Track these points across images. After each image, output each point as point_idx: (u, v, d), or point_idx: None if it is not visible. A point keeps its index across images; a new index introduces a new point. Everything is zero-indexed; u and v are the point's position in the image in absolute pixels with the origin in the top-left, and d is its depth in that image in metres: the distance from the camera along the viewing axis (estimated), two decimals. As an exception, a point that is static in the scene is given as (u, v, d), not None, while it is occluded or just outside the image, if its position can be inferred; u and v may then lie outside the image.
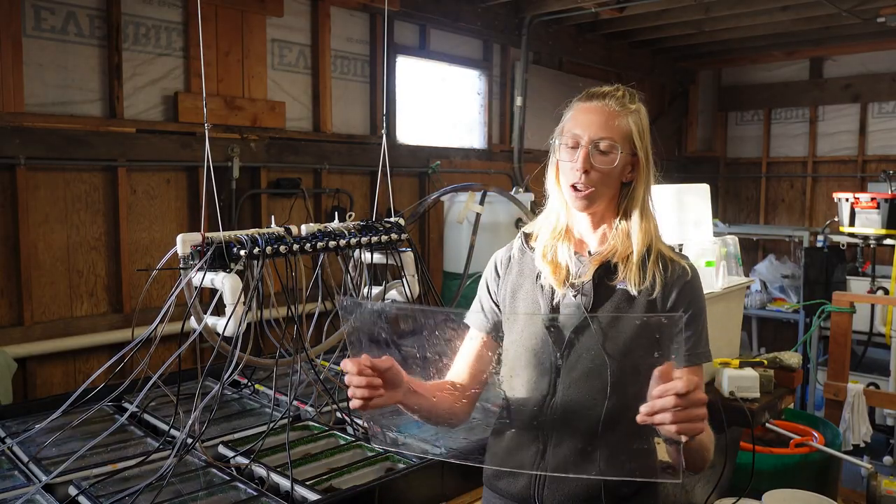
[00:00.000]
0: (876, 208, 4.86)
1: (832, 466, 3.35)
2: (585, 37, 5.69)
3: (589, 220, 1.50)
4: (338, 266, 2.21)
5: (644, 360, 1.40)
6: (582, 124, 1.46)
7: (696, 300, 1.49)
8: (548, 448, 1.44)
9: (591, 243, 1.52)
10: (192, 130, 3.38)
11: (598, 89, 1.50)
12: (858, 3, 4.66)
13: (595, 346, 1.41)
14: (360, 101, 4.28)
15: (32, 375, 2.99)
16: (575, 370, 1.43)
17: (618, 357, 1.40)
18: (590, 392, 1.42)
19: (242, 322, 1.82)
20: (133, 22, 3.24)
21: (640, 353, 1.41)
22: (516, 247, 1.60)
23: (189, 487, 1.71)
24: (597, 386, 1.41)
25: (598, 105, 1.47)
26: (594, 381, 1.41)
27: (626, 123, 1.46)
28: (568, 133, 1.47)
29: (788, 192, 7.02)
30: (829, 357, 4.04)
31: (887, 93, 6.35)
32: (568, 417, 1.44)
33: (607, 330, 1.42)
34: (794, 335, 5.98)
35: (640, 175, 1.48)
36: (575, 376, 1.43)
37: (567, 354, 1.44)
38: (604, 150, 1.43)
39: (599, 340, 1.41)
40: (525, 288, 1.52)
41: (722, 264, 2.64)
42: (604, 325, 1.42)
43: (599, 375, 1.41)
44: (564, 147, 1.47)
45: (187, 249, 1.83)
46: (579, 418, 1.43)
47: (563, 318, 1.46)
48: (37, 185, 2.99)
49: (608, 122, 1.45)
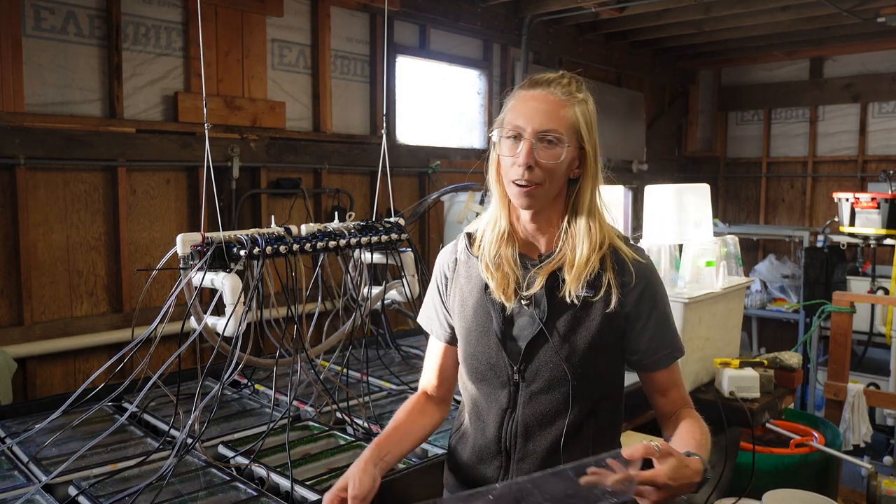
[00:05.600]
0: (876, 208, 4.86)
1: (832, 466, 3.36)
2: (585, 37, 5.70)
3: (536, 221, 1.38)
4: (338, 266, 2.21)
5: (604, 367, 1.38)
6: (524, 114, 1.32)
7: (659, 299, 1.41)
8: (511, 462, 1.40)
9: (539, 245, 1.41)
10: (192, 130, 3.38)
11: (541, 76, 1.37)
12: (858, 3, 4.66)
13: (554, 359, 1.35)
14: (360, 101, 4.28)
15: (32, 375, 2.99)
16: (534, 383, 1.37)
17: (578, 367, 1.34)
18: (552, 404, 1.36)
19: (242, 322, 1.82)
20: (133, 22, 3.24)
21: (601, 362, 1.37)
22: (461, 248, 1.49)
23: (189, 487, 1.70)
24: (558, 398, 1.36)
25: (541, 93, 1.33)
26: (555, 393, 1.36)
27: (572, 114, 1.33)
28: (509, 124, 1.34)
29: (788, 192, 7.02)
30: (829, 357, 4.04)
31: (887, 93, 6.34)
32: (530, 431, 1.38)
33: (566, 340, 1.35)
34: (794, 335, 5.98)
35: (587, 171, 1.36)
36: (534, 389, 1.37)
37: (524, 368, 1.37)
38: (549, 142, 1.31)
39: (559, 352, 1.35)
40: (475, 297, 1.43)
41: (722, 264, 2.64)
42: (561, 335, 1.35)
43: (561, 387, 1.36)
44: (505, 140, 1.34)
45: (187, 249, 1.83)
46: (542, 431, 1.37)
47: (517, 330, 1.38)
48: (37, 185, 2.99)
49: (553, 112, 1.31)
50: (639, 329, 1.39)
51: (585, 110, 1.36)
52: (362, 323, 2.20)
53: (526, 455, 1.38)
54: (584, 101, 1.37)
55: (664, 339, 1.42)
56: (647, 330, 1.40)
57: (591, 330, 1.35)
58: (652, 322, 1.40)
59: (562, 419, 1.36)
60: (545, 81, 1.35)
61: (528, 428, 1.38)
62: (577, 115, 1.34)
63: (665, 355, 1.42)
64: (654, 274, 1.42)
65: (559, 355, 1.35)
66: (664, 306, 1.43)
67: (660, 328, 1.41)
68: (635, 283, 1.37)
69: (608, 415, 1.42)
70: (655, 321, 1.40)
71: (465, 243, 1.48)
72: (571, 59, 5.72)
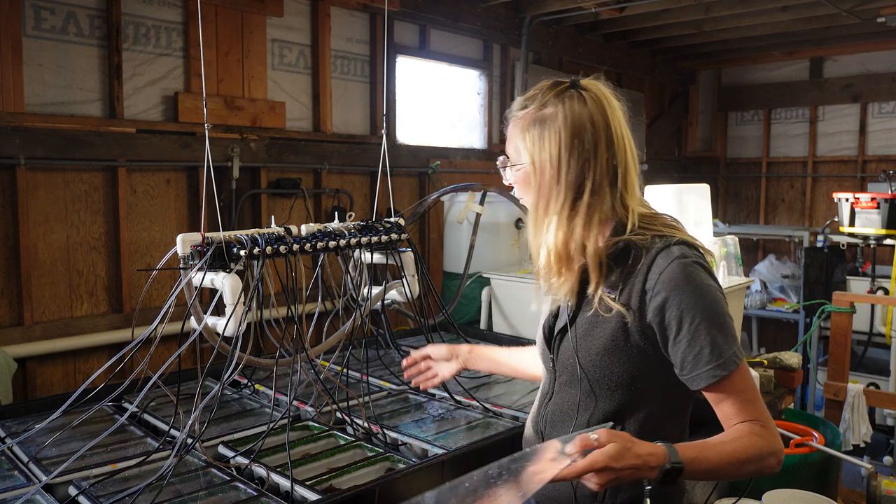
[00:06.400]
0: (876, 208, 4.86)
1: (832, 466, 3.35)
2: (585, 37, 5.70)
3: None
4: (338, 266, 2.21)
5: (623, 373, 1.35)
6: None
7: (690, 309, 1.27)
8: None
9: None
10: (192, 130, 3.38)
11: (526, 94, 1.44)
12: (858, 3, 4.66)
13: (572, 356, 1.39)
14: (360, 101, 4.28)
15: (32, 375, 2.99)
16: (562, 375, 1.44)
17: (590, 368, 1.36)
18: (572, 399, 1.41)
19: (242, 322, 1.82)
20: (133, 22, 3.24)
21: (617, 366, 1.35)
22: None
23: (189, 487, 1.70)
24: (575, 395, 1.40)
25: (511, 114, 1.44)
26: (574, 389, 1.40)
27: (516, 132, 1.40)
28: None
29: (788, 192, 7.02)
30: (829, 357, 4.04)
31: (887, 93, 6.35)
32: (555, 419, 1.45)
33: (582, 340, 1.37)
34: (794, 335, 5.98)
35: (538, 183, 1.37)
36: (562, 381, 1.44)
37: (555, 359, 1.45)
38: (507, 166, 1.45)
39: (576, 350, 1.38)
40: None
41: (722, 264, 2.64)
42: (580, 334, 1.38)
43: (578, 384, 1.39)
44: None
45: (187, 249, 1.83)
46: (562, 422, 1.44)
47: (558, 323, 1.45)
48: (37, 185, 2.99)
49: (509, 133, 1.43)
50: (672, 340, 1.29)
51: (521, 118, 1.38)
52: (362, 323, 2.20)
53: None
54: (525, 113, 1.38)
55: (702, 353, 1.26)
56: (680, 342, 1.28)
57: (606, 332, 1.35)
58: (684, 334, 1.27)
59: (576, 416, 1.40)
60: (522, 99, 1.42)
61: (555, 416, 1.46)
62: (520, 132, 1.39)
63: (705, 372, 1.27)
64: (686, 282, 1.28)
65: (576, 353, 1.39)
66: (702, 318, 1.27)
67: (696, 341, 1.27)
68: (657, 290, 1.29)
69: (640, 426, 1.36)
70: (690, 333, 1.27)
71: None
72: (571, 59, 5.72)
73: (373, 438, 2.03)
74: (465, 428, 2.14)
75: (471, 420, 2.20)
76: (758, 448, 1.25)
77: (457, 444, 1.96)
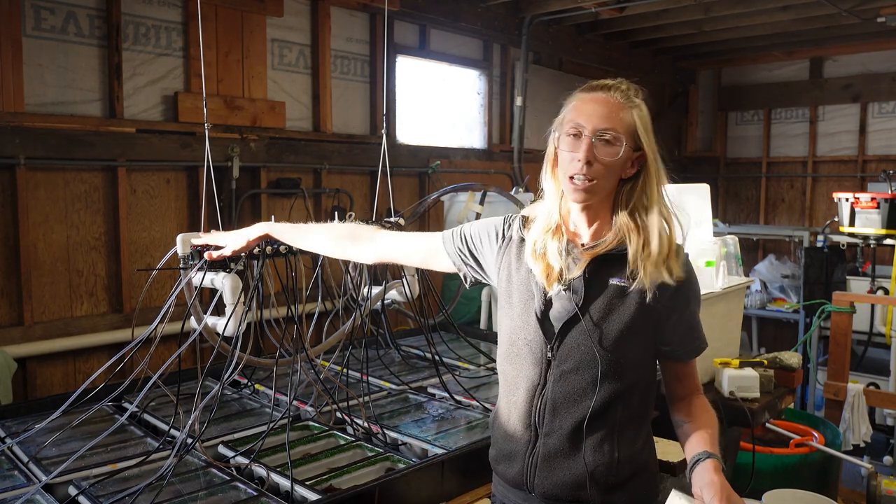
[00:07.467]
0: (876, 208, 4.86)
1: (832, 466, 3.36)
2: (585, 37, 5.69)
3: (584, 214, 1.46)
4: (338, 266, 2.21)
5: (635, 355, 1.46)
6: (585, 114, 1.41)
7: (693, 297, 1.51)
8: (539, 437, 1.47)
9: (584, 236, 1.48)
10: (192, 130, 3.38)
11: (601, 81, 1.46)
12: (858, 3, 4.66)
13: (586, 342, 1.43)
14: (360, 101, 4.28)
15: (32, 375, 2.99)
16: (566, 363, 1.45)
17: (608, 352, 1.42)
18: (580, 384, 1.44)
19: (242, 322, 1.82)
20: (133, 22, 3.24)
21: (631, 349, 1.45)
22: (516, 228, 1.57)
23: (189, 487, 1.71)
24: (587, 379, 1.43)
25: (602, 96, 1.43)
26: (584, 374, 1.43)
27: (630, 117, 1.42)
28: (570, 123, 1.42)
29: (788, 192, 7.02)
30: (829, 357, 4.04)
31: (887, 93, 6.34)
32: (557, 408, 1.46)
33: (599, 325, 1.43)
34: (794, 335, 5.98)
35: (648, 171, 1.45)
36: (565, 369, 1.45)
37: (557, 347, 1.46)
38: (607, 141, 1.39)
39: (591, 336, 1.42)
40: (521, 276, 1.52)
41: (722, 264, 2.64)
42: (595, 320, 1.43)
43: (590, 369, 1.43)
44: (565, 136, 1.42)
45: (187, 249, 1.83)
46: (568, 409, 1.45)
47: (554, 312, 1.46)
48: (36, 185, 2.99)
49: (612, 113, 1.40)
50: (673, 322, 1.48)
51: (642, 115, 1.45)
52: (362, 323, 2.21)
53: (552, 430, 1.46)
54: (640, 107, 1.46)
55: (693, 333, 1.52)
56: (681, 324, 1.49)
57: (625, 318, 1.43)
58: (686, 317, 1.49)
59: (588, 400, 1.43)
60: (605, 86, 1.44)
61: (556, 405, 1.46)
62: (635, 118, 1.43)
63: (694, 348, 1.53)
64: (691, 273, 1.50)
65: (591, 339, 1.42)
66: (698, 303, 1.53)
67: (692, 323, 1.51)
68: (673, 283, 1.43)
69: (638, 402, 1.49)
70: (689, 316, 1.50)
71: (520, 224, 1.57)
72: (571, 59, 5.72)
73: (373, 438, 2.03)
74: (465, 428, 2.14)
75: (471, 420, 2.20)
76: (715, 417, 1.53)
77: (457, 444, 1.96)
